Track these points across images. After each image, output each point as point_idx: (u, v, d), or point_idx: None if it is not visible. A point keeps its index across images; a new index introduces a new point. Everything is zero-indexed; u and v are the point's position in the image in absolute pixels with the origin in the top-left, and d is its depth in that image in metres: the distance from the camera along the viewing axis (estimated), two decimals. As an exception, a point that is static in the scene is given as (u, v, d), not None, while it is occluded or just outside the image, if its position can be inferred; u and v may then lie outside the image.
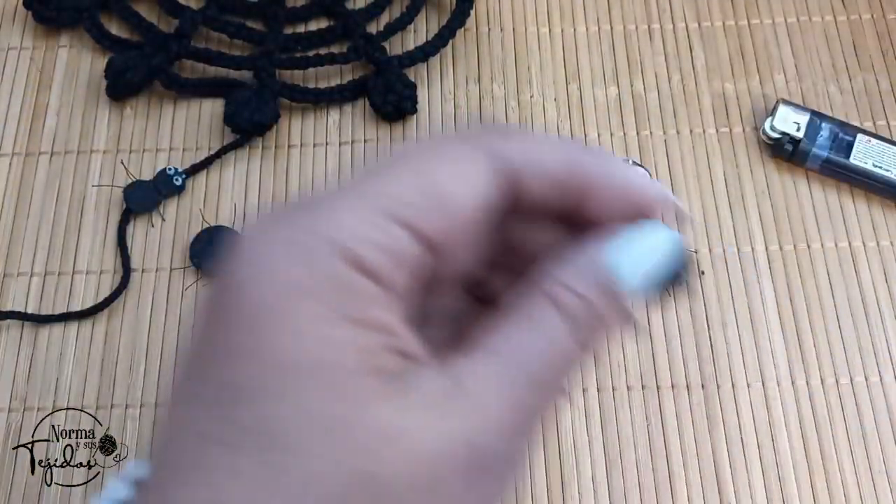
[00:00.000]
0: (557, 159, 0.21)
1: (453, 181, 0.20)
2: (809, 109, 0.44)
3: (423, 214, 0.19)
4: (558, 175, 0.21)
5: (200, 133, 0.45)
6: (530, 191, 0.21)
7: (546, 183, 0.21)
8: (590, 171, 0.21)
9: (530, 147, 0.21)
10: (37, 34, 0.48)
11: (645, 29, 0.48)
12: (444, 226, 0.20)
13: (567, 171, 0.21)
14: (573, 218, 0.22)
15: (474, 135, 0.21)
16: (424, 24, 0.48)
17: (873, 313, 0.41)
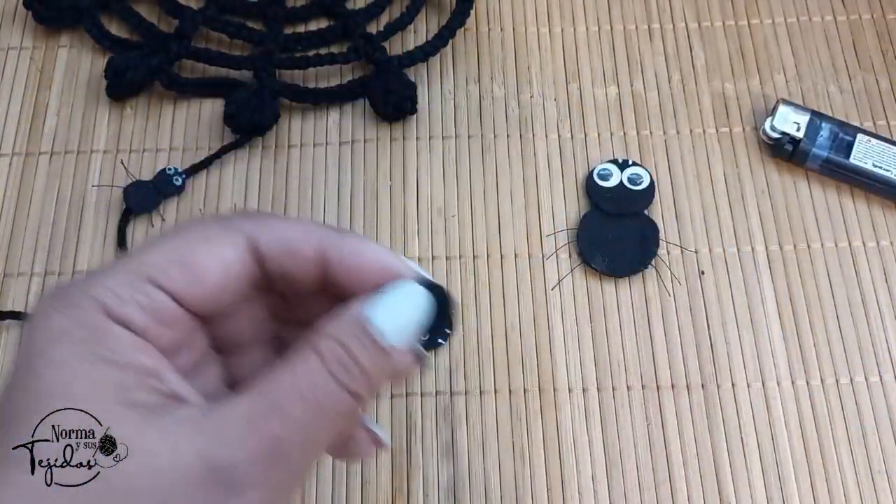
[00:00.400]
0: (303, 238, 0.25)
1: (205, 254, 0.24)
2: (809, 109, 0.44)
3: (176, 279, 0.24)
4: (306, 252, 0.25)
5: (200, 133, 0.45)
6: (284, 266, 0.25)
7: (297, 260, 0.25)
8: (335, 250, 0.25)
9: (280, 228, 0.25)
10: (37, 34, 0.48)
11: (645, 29, 0.48)
12: (196, 290, 0.24)
13: (314, 248, 0.25)
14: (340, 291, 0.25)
15: (231, 218, 0.26)
16: (424, 24, 0.48)
17: (873, 313, 0.41)
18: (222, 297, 0.25)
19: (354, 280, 0.25)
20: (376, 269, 0.25)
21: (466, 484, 0.37)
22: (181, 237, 0.25)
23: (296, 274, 0.25)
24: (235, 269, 0.25)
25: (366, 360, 0.23)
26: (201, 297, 0.24)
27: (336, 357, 0.23)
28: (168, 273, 0.24)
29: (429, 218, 0.43)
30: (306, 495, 0.37)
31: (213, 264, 0.24)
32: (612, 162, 0.44)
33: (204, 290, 0.24)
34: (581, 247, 0.42)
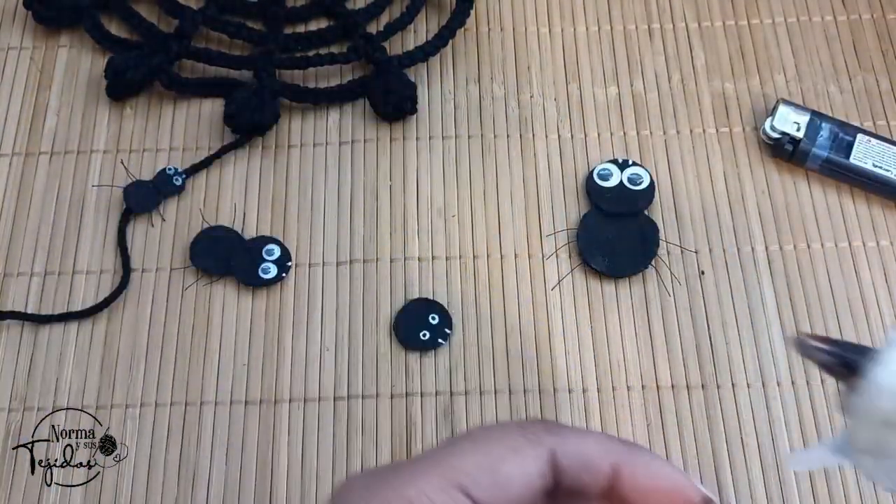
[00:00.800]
0: (600, 454, 0.26)
1: (510, 465, 0.25)
2: (809, 109, 0.44)
3: (483, 488, 0.24)
4: (602, 468, 0.26)
5: (200, 133, 0.45)
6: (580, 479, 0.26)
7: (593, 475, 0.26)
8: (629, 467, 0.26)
9: (578, 443, 0.26)
10: (37, 34, 0.48)
11: (645, 29, 0.48)
12: (499, 500, 0.25)
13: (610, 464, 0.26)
14: None
15: (532, 427, 0.26)
16: (424, 24, 0.48)
17: (873, 313, 0.41)
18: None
19: (642, 497, 0.26)
20: (665, 491, 0.26)
21: (466, 484, 0.37)
22: (489, 444, 0.26)
23: (589, 487, 0.26)
24: (537, 482, 0.25)
25: None
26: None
27: None
28: (478, 481, 0.25)
29: (429, 218, 0.43)
30: (305, 494, 0.37)
31: (519, 476, 0.25)
32: (612, 162, 0.44)
33: (507, 500, 0.25)
34: (581, 247, 0.42)
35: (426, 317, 0.40)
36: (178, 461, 0.37)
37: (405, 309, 0.40)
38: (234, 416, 0.38)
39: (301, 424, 0.38)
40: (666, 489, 0.26)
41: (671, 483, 0.26)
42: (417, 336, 0.39)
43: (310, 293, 0.41)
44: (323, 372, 0.39)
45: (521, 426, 0.27)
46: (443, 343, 0.39)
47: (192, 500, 0.37)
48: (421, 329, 0.39)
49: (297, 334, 0.40)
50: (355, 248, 0.42)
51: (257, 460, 0.37)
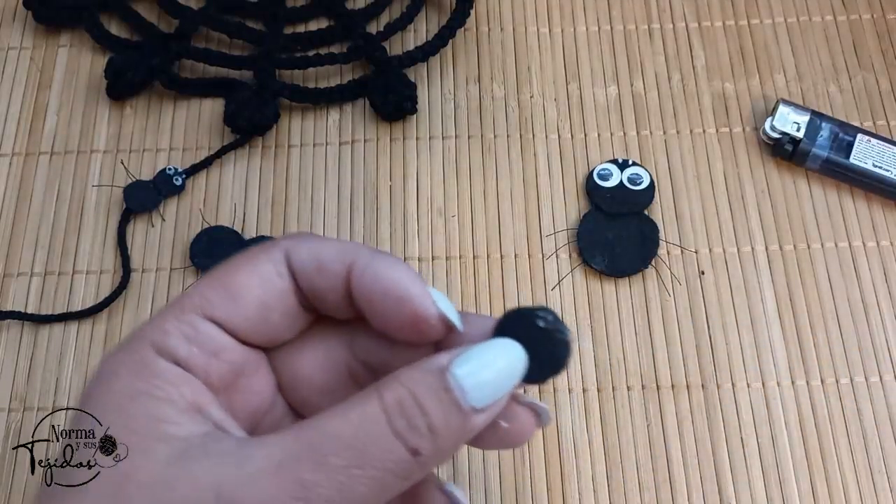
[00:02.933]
0: (335, 256, 0.24)
1: (242, 273, 0.24)
2: (809, 109, 0.44)
3: (218, 304, 0.24)
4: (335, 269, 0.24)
5: (200, 133, 0.45)
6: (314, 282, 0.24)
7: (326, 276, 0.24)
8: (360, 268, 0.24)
9: (315, 245, 0.25)
10: (37, 34, 0.48)
11: (645, 29, 0.48)
12: (238, 312, 0.24)
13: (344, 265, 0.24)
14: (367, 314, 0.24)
15: (273, 241, 0.25)
16: (424, 24, 0.48)
17: (873, 313, 0.41)
18: (269, 318, 0.24)
19: (370, 304, 0.24)
20: (392, 297, 0.23)
21: (466, 484, 0.37)
22: (224, 265, 0.25)
23: (326, 292, 0.24)
24: (275, 284, 0.24)
25: (437, 416, 0.21)
26: (246, 317, 0.24)
27: (400, 405, 0.21)
28: (209, 298, 0.24)
29: (429, 218, 0.43)
30: (306, 495, 0.37)
31: (253, 281, 0.24)
32: (612, 162, 0.44)
33: (248, 310, 0.24)
34: (581, 247, 0.42)
35: None
36: (178, 461, 0.37)
37: None
38: (234, 416, 0.38)
39: (301, 424, 0.38)
40: (395, 295, 0.23)
41: (401, 290, 0.23)
42: None
43: (310, 293, 0.41)
44: (323, 372, 0.39)
45: (262, 244, 0.25)
46: None
47: (192, 500, 0.37)
48: None
49: (297, 334, 0.40)
50: (355, 248, 0.42)
51: (257, 460, 0.37)
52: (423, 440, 0.21)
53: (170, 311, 0.24)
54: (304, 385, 0.26)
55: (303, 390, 0.26)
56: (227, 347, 0.24)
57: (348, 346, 0.26)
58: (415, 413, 0.21)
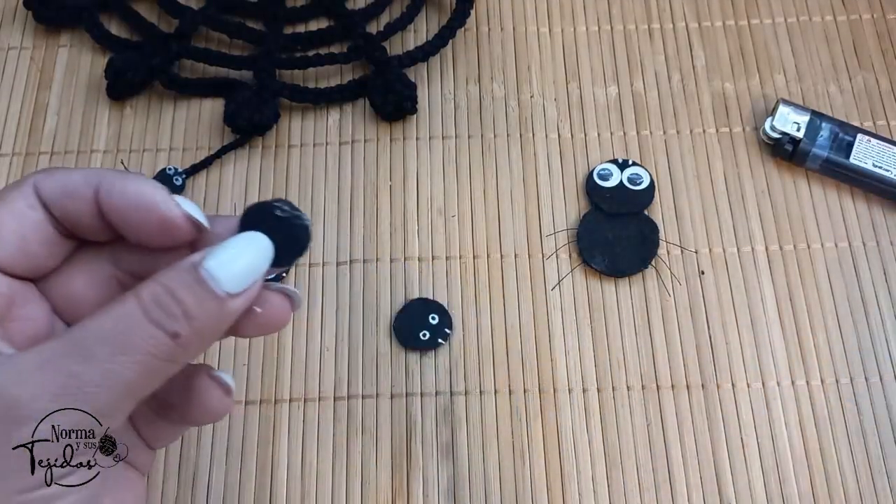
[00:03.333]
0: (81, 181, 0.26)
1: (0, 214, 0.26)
2: (809, 109, 0.44)
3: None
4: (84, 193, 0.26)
5: (200, 133, 0.45)
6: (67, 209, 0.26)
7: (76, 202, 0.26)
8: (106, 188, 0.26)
9: (62, 175, 0.26)
10: (37, 34, 0.48)
11: (645, 29, 0.48)
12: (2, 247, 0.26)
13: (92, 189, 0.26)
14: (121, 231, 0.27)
15: (21, 178, 0.27)
16: (424, 24, 0.48)
17: (873, 313, 0.41)
18: (30, 250, 0.26)
19: (122, 220, 0.26)
20: (139, 208, 0.26)
21: (466, 484, 0.37)
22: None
23: (78, 216, 0.26)
24: (29, 216, 0.26)
25: (191, 303, 0.24)
26: (7, 251, 0.26)
27: (155, 298, 0.24)
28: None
29: (429, 218, 0.43)
30: (305, 494, 0.37)
31: (7, 217, 0.26)
32: (612, 162, 0.44)
33: (7, 244, 0.26)
34: (581, 247, 0.42)
35: (426, 317, 0.40)
36: (179, 461, 0.37)
37: (405, 309, 0.40)
38: (234, 416, 0.38)
39: (301, 424, 0.38)
40: (142, 205, 0.25)
41: (146, 199, 0.25)
42: (417, 336, 0.39)
43: (310, 293, 0.41)
44: (323, 372, 0.39)
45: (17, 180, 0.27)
46: (442, 343, 0.39)
47: (191, 500, 0.37)
48: (421, 329, 0.39)
49: (297, 334, 0.40)
50: (355, 248, 0.42)
51: (257, 460, 0.38)
52: (180, 324, 0.24)
53: None
54: (80, 304, 0.28)
55: (80, 310, 0.28)
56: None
57: (113, 262, 0.28)
58: (170, 302, 0.24)
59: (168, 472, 0.37)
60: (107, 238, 0.27)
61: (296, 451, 0.38)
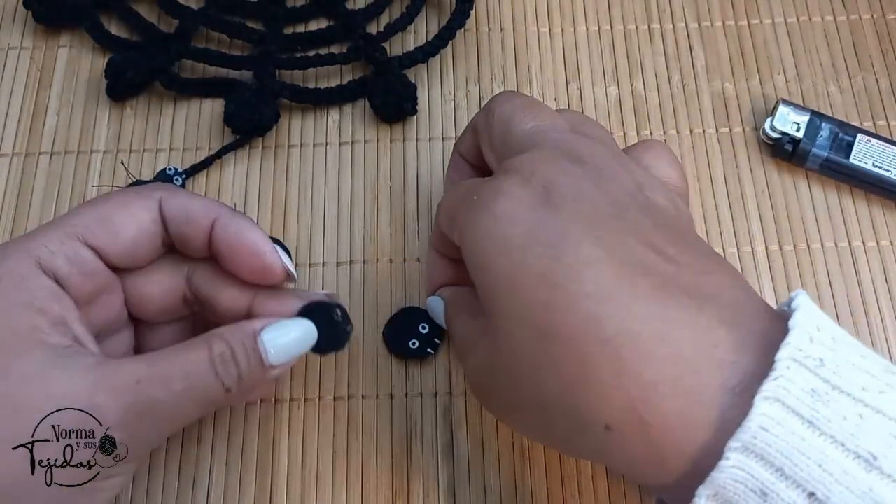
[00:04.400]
0: (202, 210, 0.31)
1: (121, 213, 0.30)
2: (809, 109, 0.44)
3: (99, 236, 0.30)
4: (202, 222, 0.30)
5: (200, 133, 0.45)
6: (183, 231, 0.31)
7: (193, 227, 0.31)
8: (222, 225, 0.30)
9: (185, 199, 0.31)
10: (37, 34, 0.48)
11: (645, 29, 0.48)
12: (115, 245, 0.30)
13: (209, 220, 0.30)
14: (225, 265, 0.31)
15: (147, 187, 0.32)
16: (424, 25, 0.48)
17: (873, 313, 0.41)
18: (136, 253, 0.31)
19: (229, 254, 0.30)
20: (248, 251, 0.30)
21: (466, 484, 0.37)
22: (104, 202, 0.30)
23: (191, 239, 0.31)
24: (147, 227, 0.30)
25: (244, 366, 0.29)
26: (119, 250, 0.30)
27: (221, 355, 0.28)
28: (93, 231, 0.29)
29: (429, 218, 0.43)
30: (305, 494, 0.37)
31: (130, 223, 0.30)
32: (612, 162, 0.44)
33: (122, 245, 0.30)
34: (581, 247, 0.42)
35: (415, 326, 0.39)
36: (179, 461, 0.37)
37: (394, 318, 0.40)
38: (234, 416, 0.38)
39: (301, 424, 0.38)
40: (249, 249, 0.30)
41: (254, 245, 0.30)
42: (406, 345, 0.39)
43: (310, 293, 0.41)
44: (323, 372, 0.39)
45: (136, 188, 0.32)
46: (431, 353, 0.39)
47: (192, 500, 0.37)
48: (410, 338, 0.39)
49: (297, 334, 0.40)
50: (355, 248, 0.42)
51: (257, 460, 0.38)
52: (233, 382, 0.29)
53: (53, 232, 0.29)
54: (147, 303, 0.32)
55: (146, 307, 0.32)
56: (99, 272, 0.30)
57: (185, 277, 0.32)
58: (229, 361, 0.29)
59: (168, 472, 0.37)
60: (199, 257, 0.32)
61: (296, 451, 0.38)
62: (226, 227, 0.30)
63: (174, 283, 0.32)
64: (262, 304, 0.31)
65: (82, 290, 0.29)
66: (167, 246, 0.32)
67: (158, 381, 0.27)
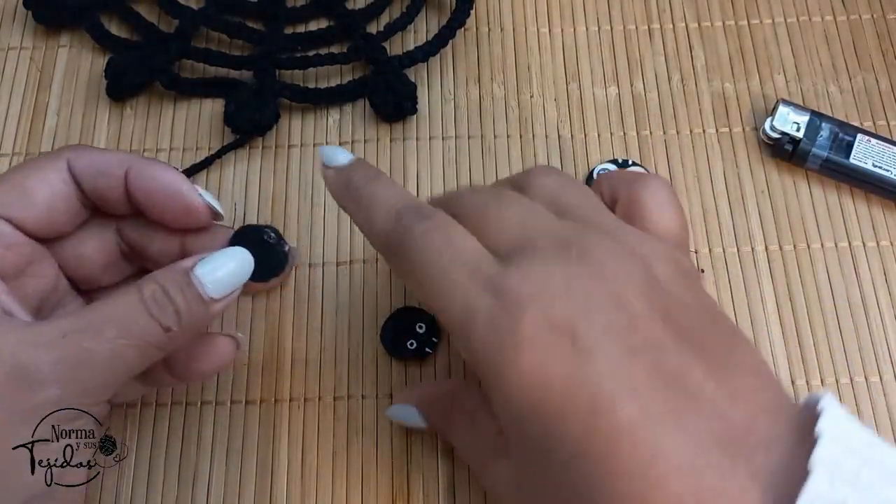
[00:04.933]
0: (113, 162, 0.30)
1: (34, 179, 0.30)
2: (809, 109, 0.44)
3: (12, 205, 0.29)
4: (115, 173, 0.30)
5: (200, 133, 0.45)
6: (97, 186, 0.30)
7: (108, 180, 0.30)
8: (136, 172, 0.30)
9: (96, 154, 0.31)
10: (37, 34, 0.48)
11: (645, 29, 0.48)
12: (30, 211, 0.30)
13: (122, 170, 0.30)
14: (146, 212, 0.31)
15: (55, 150, 0.31)
16: (424, 24, 0.48)
17: (873, 313, 0.41)
18: (55, 217, 0.30)
19: (148, 201, 0.30)
20: (166, 194, 0.30)
21: (466, 484, 0.37)
22: (13, 172, 0.30)
23: (106, 193, 0.30)
24: (60, 188, 0.30)
25: (181, 302, 0.28)
26: (36, 217, 0.30)
27: (153, 295, 0.28)
28: (5, 201, 0.29)
29: (429, 218, 0.43)
30: (305, 494, 0.37)
31: (41, 187, 0.30)
32: (612, 162, 0.44)
33: (37, 211, 0.30)
34: (581, 247, 0.42)
35: (413, 326, 0.39)
36: (178, 461, 0.37)
37: (390, 319, 0.40)
38: (234, 416, 0.38)
39: (301, 424, 0.38)
40: (165, 191, 0.30)
41: (171, 187, 0.30)
42: (404, 346, 0.39)
43: (310, 293, 0.41)
44: (323, 372, 0.39)
45: (45, 154, 0.32)
46: (430, 352, 0.39)
47: (192, 500, 0.37)
48: (408, 339, 0.39)
49: (298, 334, 0.40)
50: (355, 248, 0.42)
51: (257, 460, 0.38)
52: (172, 321, 0.28)
53: None
54: (86, 266, 0.32)
55: (85, 271, 0.32)
56: (19, 242, 0.30)
57: (117, 232, 0.32)
58: (164, 300, 0.28)
59: (168, 472, 0.37)
60: (123, 213, 0.31)
61: (296, 451, 0.38)
62: (140, 174, 0.30)
63: (106, 240, 0.32)
64: (193, 243, 0.31)
65: (5, 263, 0.29)
66: (90, 208, 0.31)
67: (88, 331, 0.27)
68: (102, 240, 0.32)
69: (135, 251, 0.33)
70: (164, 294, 0.28)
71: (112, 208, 0.31)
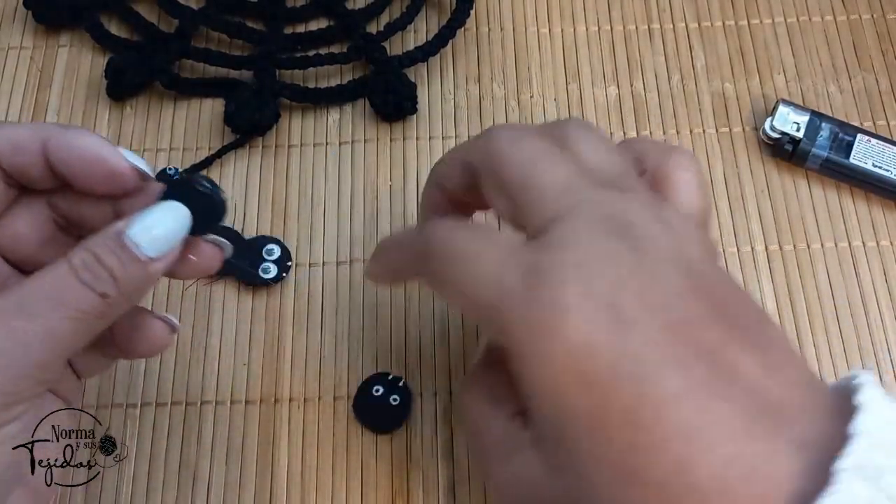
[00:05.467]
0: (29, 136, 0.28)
1: None
2: (809, 109, 0.44)
3: None
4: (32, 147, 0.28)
5: (200, 133, 0.45)
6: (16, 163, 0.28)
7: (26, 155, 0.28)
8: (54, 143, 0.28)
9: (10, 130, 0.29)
10: (37, 34, 0.48)
11: (645, 29, 0.48)
12: None
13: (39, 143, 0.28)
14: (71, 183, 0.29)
15: None
16: (424, 24, 0.48)
17: (873, 313, 0.41)
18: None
19: (71, 170, 0.28)
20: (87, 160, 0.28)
21: (466, 484, 0.37)
22: None
23: (26, 169, 0.29)
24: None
25: (116, 266, 0.27)
26: None
27: (84, 263, 0.26)
28: None
29: (429, 218, 0.43)
30: (305, 494, 0.37)
31: None
32: (612, 162, 0.44)
33: None
34: (581, 247, 0.41)
35: (386, 397, 0.38)
36: (178, 461, 0.37)
37: (362, 389, 0.38)
38: (234, 416, 0.38)
39: (301, 424, 0.38)
40: (87, 159, 0.28)
41: (91, 153, 0.28)
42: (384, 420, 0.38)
43: (310, 293, 0.41)
44: (323, 372, 0.39)
45: None
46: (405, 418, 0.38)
47: (192, 499, 0.37)
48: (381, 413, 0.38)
49: (298, 334, 0.40)
50: (355, 248, 0.42)
51: (257, 460, 0.38)
52: (109, 286, 0.26)
53: None
54: (22, 244, 0.30)
55: (22, 249, 0.30)
56: None
57: (51, 207, 0.30)
58: (95, 266, 0.26)
59: (168, 472, 0.37)
60: (51, 186, 0.29)
61: (296, 451, 0.38)
62: (57, 145, 0.28)
63: (39, 215, 0.31)
64: (126, 206, 0.30)
65: None
66: (16, 186, 0.30)
67: (15, 309, 0.26)
68: (35, 216, 0.31)
69: (71, 222, 0.31)
70: (96, 260, 0.27)
71: (38, 184, 0.30)
